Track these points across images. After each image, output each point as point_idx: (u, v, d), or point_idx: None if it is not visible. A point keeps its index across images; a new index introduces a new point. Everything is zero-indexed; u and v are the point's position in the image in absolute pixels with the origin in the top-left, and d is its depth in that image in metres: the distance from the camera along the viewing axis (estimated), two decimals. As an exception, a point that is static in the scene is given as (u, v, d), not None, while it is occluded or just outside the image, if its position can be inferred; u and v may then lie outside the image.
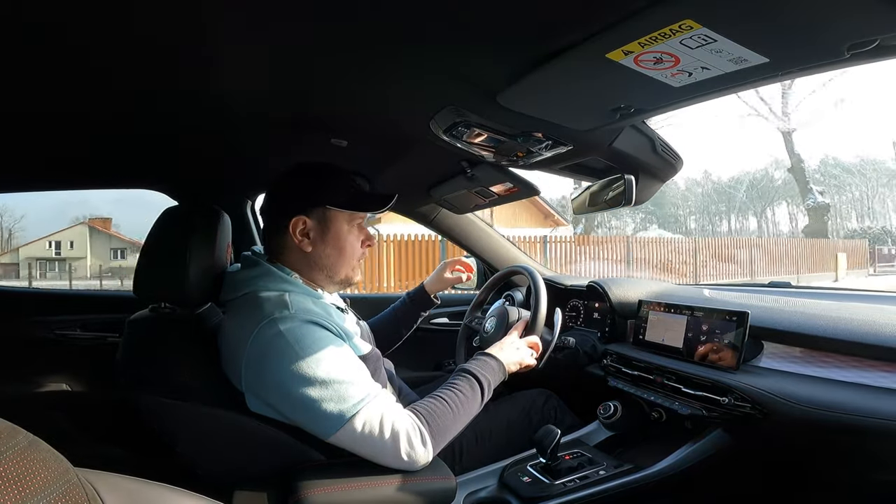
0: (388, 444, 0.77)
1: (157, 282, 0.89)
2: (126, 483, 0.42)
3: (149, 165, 1.32)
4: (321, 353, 0.78)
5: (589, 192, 1.17)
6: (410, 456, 0.77)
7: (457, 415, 0.85)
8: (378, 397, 0.80)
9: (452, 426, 0.84)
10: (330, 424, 0.76)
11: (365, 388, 0.79)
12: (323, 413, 0.76)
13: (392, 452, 0.77)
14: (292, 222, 0.88)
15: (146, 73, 0.73)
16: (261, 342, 0.78)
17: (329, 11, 0.56)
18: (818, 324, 0.89)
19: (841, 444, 0.82)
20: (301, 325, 0.80)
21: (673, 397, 1.02)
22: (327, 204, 0.89)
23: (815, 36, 0.53)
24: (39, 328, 1.45)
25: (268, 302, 0.82)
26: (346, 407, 0.76)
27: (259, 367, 0.78)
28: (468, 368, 0.93)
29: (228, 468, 0.82)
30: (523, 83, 0.70)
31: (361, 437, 0.77)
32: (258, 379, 0.79)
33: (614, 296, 1.26)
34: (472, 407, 0.88)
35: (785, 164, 18.82)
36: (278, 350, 0.77)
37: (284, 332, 0.78)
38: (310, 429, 0.78)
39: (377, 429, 0.77)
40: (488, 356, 0.97)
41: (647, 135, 0.95)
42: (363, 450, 0.78)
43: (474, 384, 0.90)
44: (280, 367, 0.77)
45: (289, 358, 0.77)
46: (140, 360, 0.83)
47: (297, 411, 0.78)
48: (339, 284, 0.96)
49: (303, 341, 0.78)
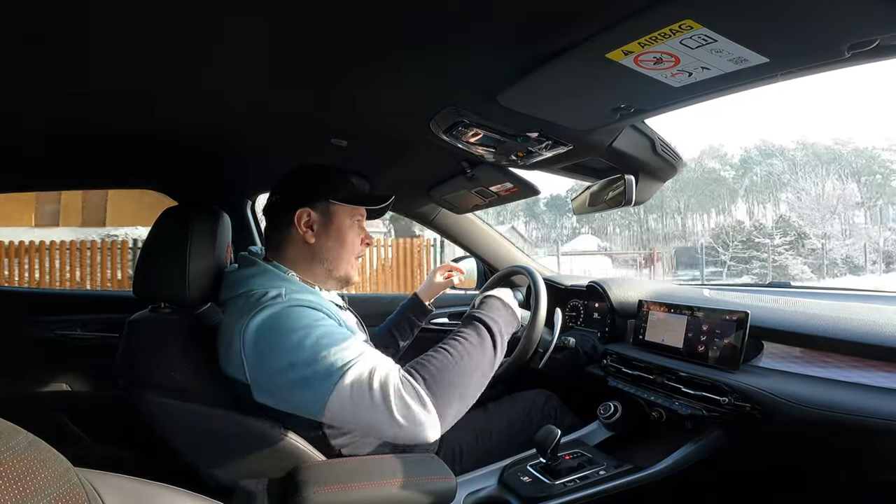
0: (378, 404, 0.70)
1: (157, 282, 0.89)
2: (126, 483, 0.42)
3: (149, 165, 1.32)
4: (310, 325, 0.77)
5: (589, 193, 1.17)
6: (407, 417, 0.70)
7: (460, 365, 0.75)
8: (370, 355, 0.76)
9: (459, 380, 0.74)
10: (321, 392, 0.72)
11: (354, 349, 0.75)
12: (312, 383, 0.73)
13: (385, 414, 0.70)
14: (297, 214, 0.90)
15: (146, 73, 0.73)
16: (254, 327, 0.78)
17: (329, 11, 0.56)
18: (818, 324, 0.89)
19: (841, 443, 0.82)
20: (290, 307, 0.79)
21: (673, 397, 1.02)
22: (331, 198, 0.92)
23: (815, 36, 0.53)
24: (39, 328, 1.45)
25: (263, 296, 0.82)
26: (335, 369, 0.72)
27: (255, 352, 0.78)
28: (472, 314, 0.85)
29: (228, 468, 0.82)
30: (523, 83, 0.70)
31: (352, 399, 0.71)
32: (258, 365, 0.78)
33: (614, 296, 1.26)
34: (480, 356, 0.78)
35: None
36: (270, 330, 0.77)
37: (275, 314, 0.78)
38: (304, 405, 0.75)
39: (366, 387, 0.71)
40: (493, 297, 0.90)
41: (647, 135, 0.95)
42: (357, 416, 0.72)
43: (481, 329, 0.81)
44: (272, 346, 0.77)
45: (279, 334, 0.77)
46: (140, 360, 0.83)
47: (292, 387, 0.75)
48: (337, 281, 0.96)
49: (292, 316, 0.78)
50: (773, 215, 18.74)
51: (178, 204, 1.46)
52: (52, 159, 1.22)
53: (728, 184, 29.04)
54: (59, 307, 1.53)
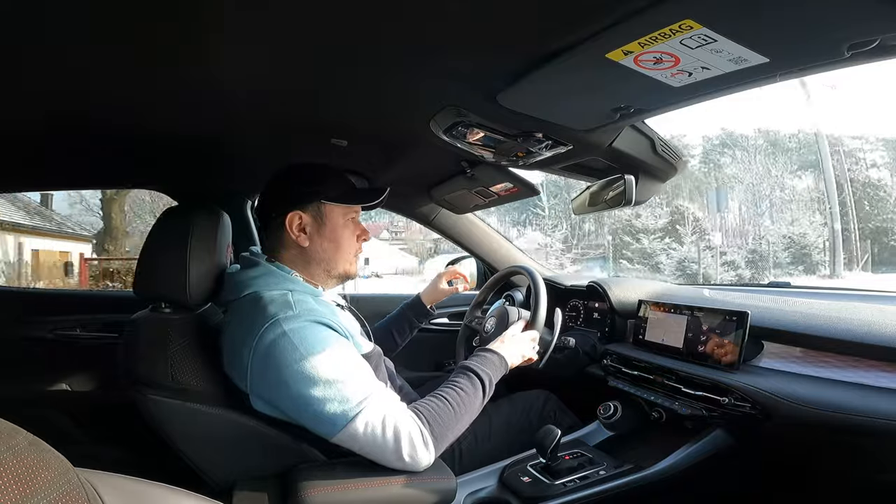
0: (389, 445, 0.76)
1: (157, 282, 0.89)
2: (126, 483, 0.42)
3: (149, 165, 1.31)
4: (324, 353, 0.78)
5: (589, 193, 1.17)
6: (413, 457, 0.77)
7: (459, 414, 0.84)
8: (381, 397, 0.80)
9: (455, 426, 0.84)
10: (333, 424, 0.76)
11: (367, 388, 0.79)
12: (326, 413, 0.76)
13: (394, 454, 0.77)
14: (288, 218, 0.90)
15: (146, 73, 0.73)
16: (265, 343, 0.79)
17: (329, 11, 0.56)
18: (818, 324, 0.89)
19: (841, 443, 0.82)
20: (305, 326, 0.80)
21: (673, 397, 1.02)
22: (322, 199, 0.91)
23: (815, 36, 0.52)
24: (39, 328, 1.45)
25: (272, 303, 0.83)
26: (349, 407, 0.76)
27: (264, 367, 0.79)
28: (469, 366, 0.92)
29: (228, 468, 0.82)
30: (523, 83, 0.70)
31: (364, 438, 0.77)
32: (263, 379, 0.79)
33: (614, 296, 1.26)
34: (474, 404, 0.88)
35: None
36: (283, 350, 0.78)
37: (289, 333, 0.78)
38: (313, 429, 0.79)
39: (380, 430, 0.76)
40: (489, 352, 0.97)
41: (646, 135, 0.95)
42: (366, 450, 0.78)
43: (475, 381, 0.90)
44: (284, 368, 0.77)
45: (293, 358, 0.77)
46: (140, 360, 0.83)
47: (301, 411, 0.78)
48: (337, 279, 0.97)
49: (306, 341, 0.78)
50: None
51: (179, 204, 1.47)
52: (52, 159, 1.22)
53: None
54: (58, 307, 1.53)
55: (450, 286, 1.35)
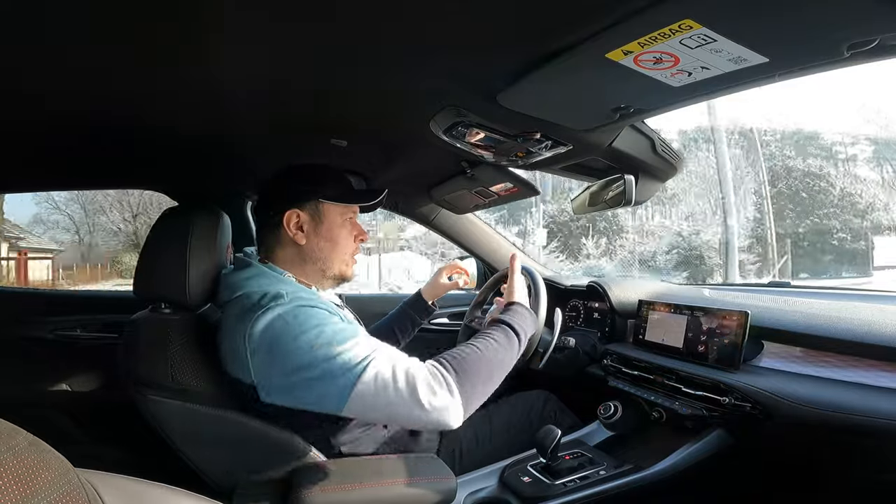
0: (404, 391, 0.72)
1: (156, 282, 0.89)
2: (126, 483, 0.42)
3: (149, 166, 1.31)
4: (321, 324, 0.78)
5: (589, 193, 1.17)
6: (433, 403, 0.72)
7: (488, 360, 0.79)
8: (386, 351, 0.78)
9: (483, 371, 0.78)
10: (342, 387, 0.73)
11: (370, 345, 0.77)
12: (333, 378, 0.74)
13: (411, 400, 0.72)
14: (286, 216, 0.90)
15: (146, 73, 0.73)
16: (260, 328, 0.78)
17: (329, 11, 0.56)
18: (818, 323, 0.89)
19: (841, 443, 0.82)
20: (297, 306, 0.80)
21: (673, 397, 1.02)
22: (320, 197, 0.91)
23: (815, 35, 0.52)
24: (39, 328, 1.45)
25: (264, 296, 0.82)
26: (355, 364, 0.74)
27: (263, 352, 0.78)
28: (502, 318, 0.89)
29: (228, 468, 0.82)
30: (523, 83, 0.70)
31: (376, 392, 0.72)
32: (267, 366, 0.78)
33: (614, 296, 1.26)
34: (507, 355, 0.83)
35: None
36: (280, 331, 0.77)
37: (283, 314, 0.78)
38: (324, 402, 0.75)
39: (390, 378, 0.73)
40: (520, 305, 0.94)
41: (646, 135, 0.95)
42: (382, 406, 0.73)
43: (510, 332, 0.86)
44: (285, 346, 0.76)
45: (291, 335, 0.76)
46: (140, 360, 0.83)
47: (310, 386, 0.75)
48: (333, 280, 0.96)
49: (300, 317, 0.78)
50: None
51: (179, 204, 1.47)
52: (52, 159, 1.22)
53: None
54: (58, 307, 1.53)
55: (450, 281, 1.34)
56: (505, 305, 0.96)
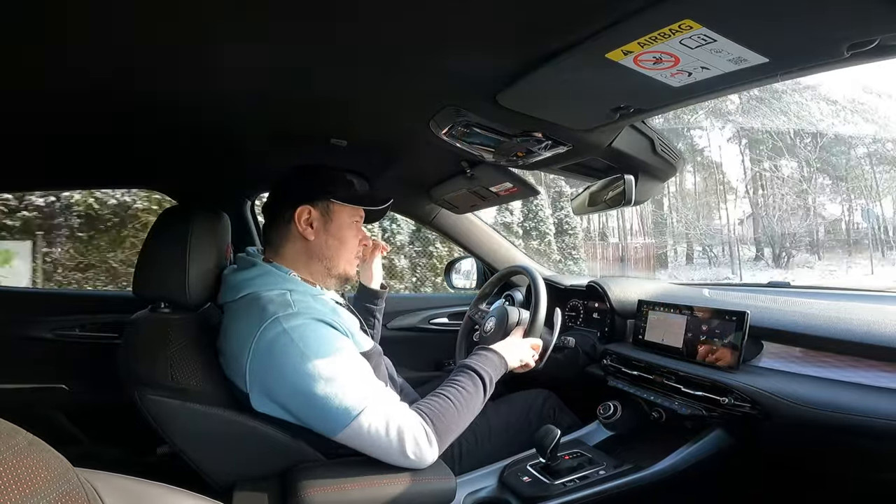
0: (394, 443, 0.77)
1: (156, 282, 0.89)
2: (126, 483, 0.42)
3: (149, 166, 1.31)
4: (325, 351, 0.79)
5: (589, 193, 1.17)
6: (416, 455, 0.78)
7: (461, 412, 0.85)
8: (382, 396, 0.81)
9: (457, 424, 0.85)
10: (336, 422, 0.77)
11: (369, 387, 0.80)
12: (329, 411, 0.76)
13: (398, 451, 0.77)
14: (297, 211, 0.92)
15: (146, 73, 0.73)
16: (265, 341, 0.79)
17: (329, 11, 0.56)
18: (818, 324, 0.89)
19: (840, 443, 0.82)
20: (305, 324, 0.80)
21: (673, 397, 1.02)
22: (332, 197, 0.94)
23: (815, 36, 0.52)
24: (39, 328, 1.44)
25: (271, 303, 0.83)
26: (352, 405, 0.77)
27: (264, 366, 0.79)
28: (470, 364, 0.93)
29: (228, 468, 0.82)
30: (523, 83, 0.70)
31: (368, 436, 0.77)
32: (264, 379, 0.79)
33: (614, 296, 1.26)
34: (475, 403, 0.89)
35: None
36: (283, 348, 0.78)
37: (289, 331, 0.78)
38: (316, 427, 0.79)
39: (383, 428, 0.77)
40: (489, 350, 0.98)
41: (646, 135, 0.95)
42: (369, 448, 0.78)
43: (476, 380, 0.90)
44: (286, 366, 0.77)
45: (294, 356, 0.77)
46: (140, 360, 0.83)
47: (304, 409, 0.78)
48: (336, 279, 0.97)
49: (307, 339, 0.79)
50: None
51: (178, 204, 1.47)
52: (52, 159, 1.22)
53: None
54: (58, 307, 1.53)
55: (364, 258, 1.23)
56: (477, 349, 1.00)
